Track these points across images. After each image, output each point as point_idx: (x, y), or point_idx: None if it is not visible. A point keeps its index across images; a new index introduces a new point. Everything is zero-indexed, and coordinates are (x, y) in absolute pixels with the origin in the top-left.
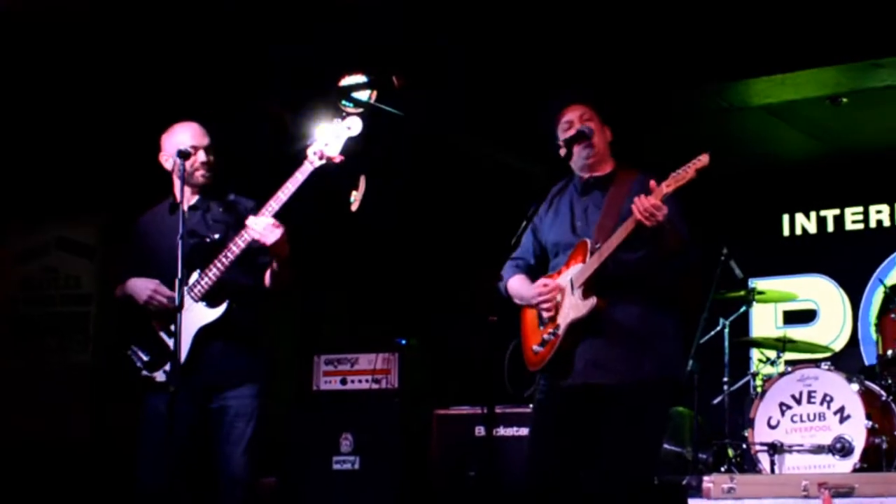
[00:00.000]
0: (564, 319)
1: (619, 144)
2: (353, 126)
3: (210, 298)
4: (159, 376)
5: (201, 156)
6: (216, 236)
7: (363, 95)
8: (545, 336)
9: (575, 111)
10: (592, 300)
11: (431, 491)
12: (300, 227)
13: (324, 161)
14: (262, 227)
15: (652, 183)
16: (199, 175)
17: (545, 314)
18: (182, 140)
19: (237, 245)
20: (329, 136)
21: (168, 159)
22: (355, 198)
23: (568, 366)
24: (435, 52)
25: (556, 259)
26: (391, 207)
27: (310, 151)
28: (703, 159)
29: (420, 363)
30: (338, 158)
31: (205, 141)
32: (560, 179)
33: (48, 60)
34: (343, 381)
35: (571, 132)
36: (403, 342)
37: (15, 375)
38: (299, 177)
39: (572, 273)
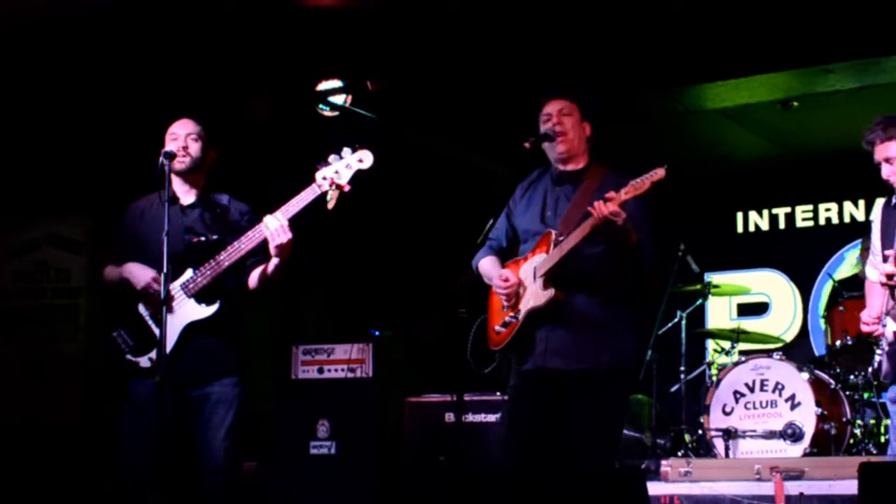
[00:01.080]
0: (525, 306)
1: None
2: (366, 160)
3: (203, 296)
4: (143, 362)
5: (180, 142)
6: (215, 237)
7: (339, 99)
8: (507, 319)
9: (555, 105)
10: (551, 291)
11: (404, 474)
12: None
13: (331, 188)
14: (275, 227)
15: (610, 192)
16: (177, 161)
17: (505, 302)
18: (170, 131)
19: (244, 245)
20: (340, 165)
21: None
22: (331, 198)
23: (527, 349)
24: (408, 59)
25: (524, 244)
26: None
27: (319, 175)
28: (660, 173)
29: (393, 353)
30: (346, 188)
31: (186, 129)
32: (524, 176)
33: (40, 63)
34: (320, 371)
35: (549, 125)
36: (377, 333)
37: (7, 365)
38: (306, 197)
39: (535, 262)
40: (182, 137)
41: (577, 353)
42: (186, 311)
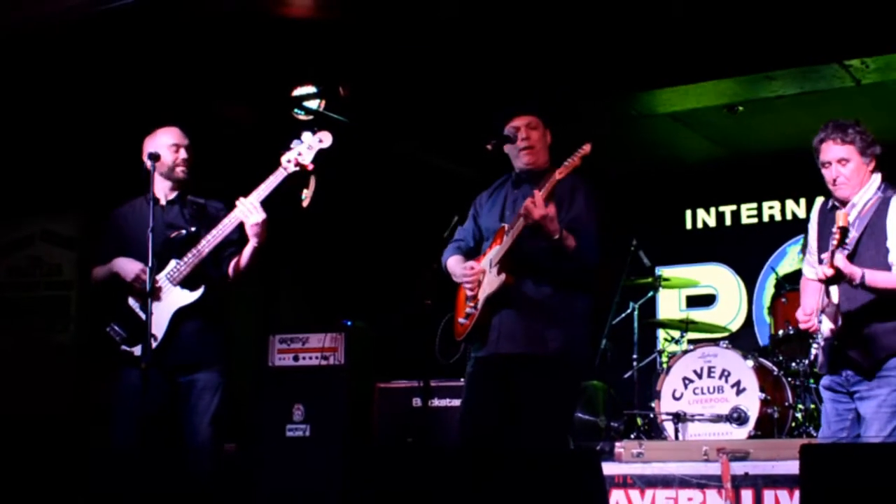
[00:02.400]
0: (482, 294)
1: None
2: (325, 139)
3: (187, 283)
4: (137, 351)
5: (182, 153)
6: (192, 229)
7: (313, 104)
8: (468, 310)
9: (523, 120)
10: (502, 276)
11: (374, 456)
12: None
13: (297, 168)
14: (247, 208)
15: (536, 192)
16: (180, 171)
17: (469, 292)
18: (164, 141)
19: (220, 232)
20: (302, 147)
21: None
22: (306, 196)
23: (484, 337)
24: (378, 67)
25: (486, 242)
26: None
27: (284, 159)
28: (586, 148)
29: (364, 342)
30: (310, 167)
31: (185, 141)
32: (488, 178)
33: (34, 70)
34: (295, 358)
35: (520, 141)
36: (349, 324)
37: (3, 353)
38: (273, 180)
39: (492, 254)
40: (183, 149)
41: (526, 337)
42: (173, 298)
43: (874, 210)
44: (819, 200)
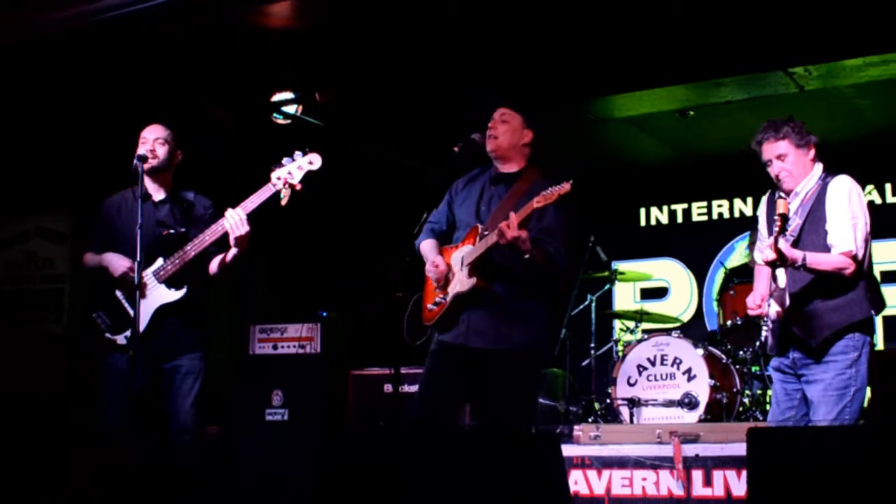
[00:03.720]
0: (452, 290)
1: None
2: (315, 162)
3: (171, 282)
4: (120, 339)
5: (149, 145)
6: (182, 230)
7: (291, 109)
8: (437, 299)
9: (499, 112)
10: (473, 280)
11: (348, 438)
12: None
13: (285, 187)
14: (234, 221)
15: (512, 215)
16: (152, 160)
17: (436, 284)
18: (142, 135)
19: (207, 238)
20: (293, 167)
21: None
22: (284, 195)
23: (452, 326)
24: (352, 74)
25: (458, 232)
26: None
27: (274, 175)
28: (566, 187)
29: (339, 332)
30: (298, 187)
31: (156, 134)
32: (455, 176)
33: (29, 79)
34: (274, 347)
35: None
36: (325, 315)
37: (1, 342)
38: (261, 195)
39: (464, 252)
40: (150, 141)
41: (494, 334)
42: (157, 295)
43: (815, 197)
44: (766, 196)
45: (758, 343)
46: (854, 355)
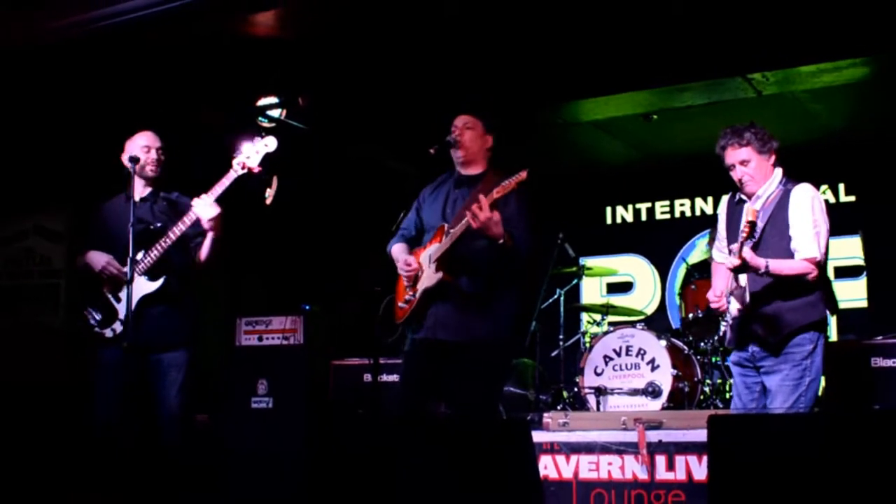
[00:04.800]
0: (421, 286)
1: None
2: (270, 143)
3: (150, 273)
4: (107, 333)
5: (153, 154)
6: (158, 225)
7: (275, 113)
8: (407, 297)
9: (461, 119)
10: (440, 274)
11: (330, 425)
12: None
13: (245, 171)
14: (203, 205)
15: (481, 196)
16: (149, 170)
17: (406, 283)
18: (140, 143)
19: (179, 228)
20: (251, 151)
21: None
22: (269, 194)
23: (422, 322)
24: (332, 80)
25: (427, 235)
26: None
27: (235, 162)
28: (523, 175)
29: (320, 324)
30: (256, 169)
31: (157, 143)
32: (431, 176)
33: (28, 86)
34: (260, 339)
35: (453, 136)
36: (307, 308)
37: (0, 334)
38: (225, 182)
39: (431, 250)
40: (154, 150)
41: (460, 326)
42: (138, 287)
43: (777, 202)
44: (726, 197)
45: (717, 336)
46: (809, 348)
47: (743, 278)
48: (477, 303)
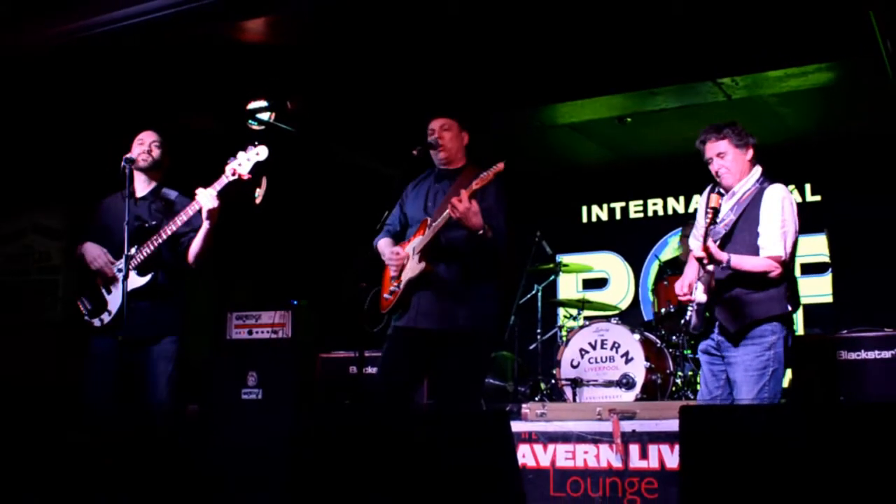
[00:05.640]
0: (405, 276)
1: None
2: (261, 153)
3: (141, 269)
4: (96, 322)
5: (145, 146)
6: (153, 223)
7: (265, 116)
8: (392, 288)
9: (437, 122)
10: (422, 265)
11: (317, 415)
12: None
13: (236, 177)
14: (206, 196)
15: (462, 191)
16: (141, 160)
17: (393, 272)
18: (138, 138)
19: (171, 227)
20: (243, 159)
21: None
22: (259, 194)
23: (405, 311)
24: (319, 85)
25: (411, 229)
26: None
27: (227, 168)
28: (500, 166)
29: (308, 318)
30: (246, 176)
31: (151, 137)
32: (413, 176)
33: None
34: (249, 332)
35: (431, 138)
36: (296, 303)
37: (1, 328)
38: (217, 186)
39: (415, 242)
40: (147, 143)
41: (441, 315)
42: (129, 281)
43: (751, 198)
44: (699, 195)
45: (682, 321)
46: (772, 339)
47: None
48: (456, 290)
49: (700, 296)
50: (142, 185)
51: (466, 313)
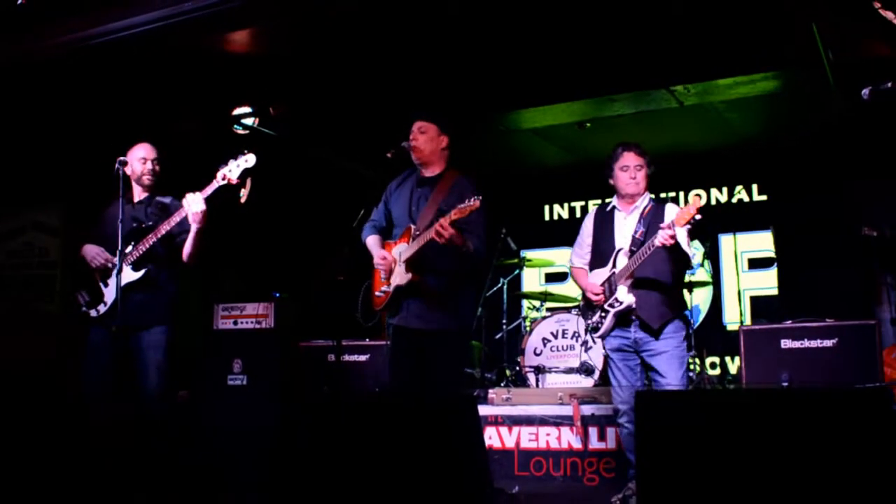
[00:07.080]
0: (394, 282)
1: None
2: (249, 160)
3: (136, 264)
4: (93, 313)
5: (149, 165)
6: (150, 223)
7: (249, 121)
8: (383, 288)
9: (416, 125)
10: (409, 275)
11: (298, 400)
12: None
13: (225, 182)
14: (194, 201)
15: (442, 219)
16: (146, 179)
17: (382, 275)
18: (138, 154)
19: (165, 227)
20: (233, 165)
21: (128, 167)
22: (243, 194)
23: (397, 311)
24: (300, 91)
25: (396, 229)
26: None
27: (218, 174)
28: (476, 204)
29: (289, 310)
30: (235, 181)
31: (153, 155)
32: (391, 177)
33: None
34: (235, 323)
35: (407, 142)
36: (278, 295)
37: (2, 318)
38: (208, 191)
39: (401, 249)
40: (150, 161)
41: (429, 317)
42: (124, 275)
43: (653, 213)
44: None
45: (589, 322)
46: (683, 333)
47: (622, 263)
48: (442, 297)
49: (627, 297)
50: (139, 191)
51: (452, 316)
